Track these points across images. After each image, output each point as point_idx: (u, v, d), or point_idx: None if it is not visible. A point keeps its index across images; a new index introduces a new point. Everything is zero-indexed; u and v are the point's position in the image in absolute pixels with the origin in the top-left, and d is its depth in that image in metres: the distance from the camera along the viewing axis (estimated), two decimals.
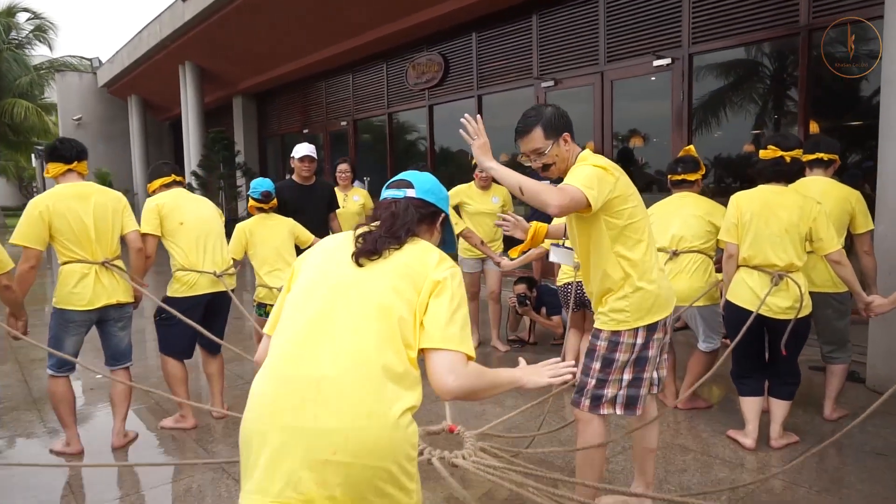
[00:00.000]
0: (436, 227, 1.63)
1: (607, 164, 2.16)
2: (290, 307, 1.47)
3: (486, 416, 3.71)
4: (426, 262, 1.44)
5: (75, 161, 3.17)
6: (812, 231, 2.98)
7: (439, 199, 1.63)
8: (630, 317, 2.23)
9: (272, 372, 1.38)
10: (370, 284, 1.40)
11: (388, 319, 1.36)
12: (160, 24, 12.01)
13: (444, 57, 8.86)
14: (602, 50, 6.84)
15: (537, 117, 2.20)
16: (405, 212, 1.53)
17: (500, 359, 4.93)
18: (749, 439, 3.13)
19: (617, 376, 2.26)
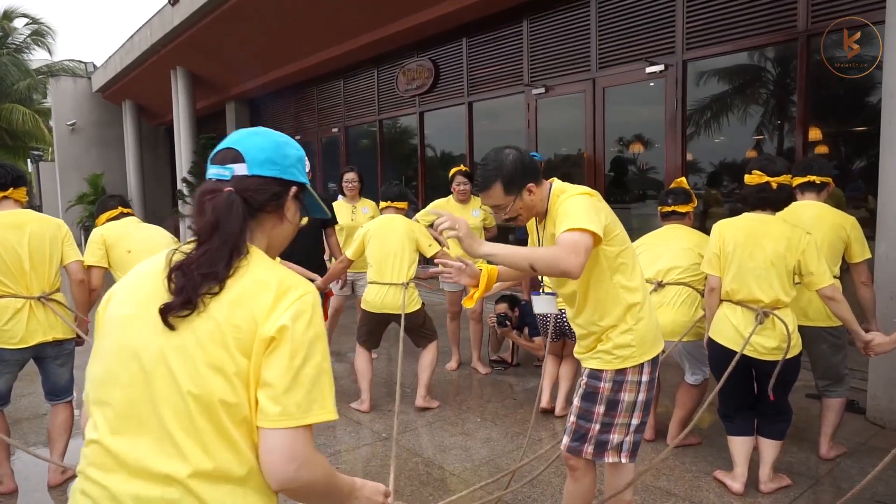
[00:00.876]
0: (285, 208, 1.18)
1: (590, 190, 1.99)
2: (92, 387, 1.10)
3: (430, 468, 3.45)
4: (254, 311, 1.03)
5: (11, 188, 2.96)
6: (801, 264, 2.74)
7: (285, 169, 1.17)
8: (636, 352, 2.04)
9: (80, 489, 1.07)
10: (181, 361, 1.02)
11: (208, 413, 1.00)
12: (150, 29, 11.83)
13: (434, 63, 8.64)
14: (594, 56, 6.60)
15: (496, 171, 1.98)
16: (228, 214, 1.07)
17: (480, 381, 4.68)
18: (737, 483, 2.87)
19: (624, 420, 2.07)
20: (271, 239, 1.20)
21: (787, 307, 2.81)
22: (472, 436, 3.64)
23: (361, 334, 4.15)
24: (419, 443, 3.57)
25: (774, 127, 5.70)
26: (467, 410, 4.06)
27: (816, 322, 3.11)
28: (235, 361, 1.01)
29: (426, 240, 4.16)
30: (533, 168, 2.02)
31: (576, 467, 2.16)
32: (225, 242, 1.06)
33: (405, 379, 4.69)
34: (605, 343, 2.07)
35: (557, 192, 2.02)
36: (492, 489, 2.88)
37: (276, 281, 1.07)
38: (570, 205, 1.90)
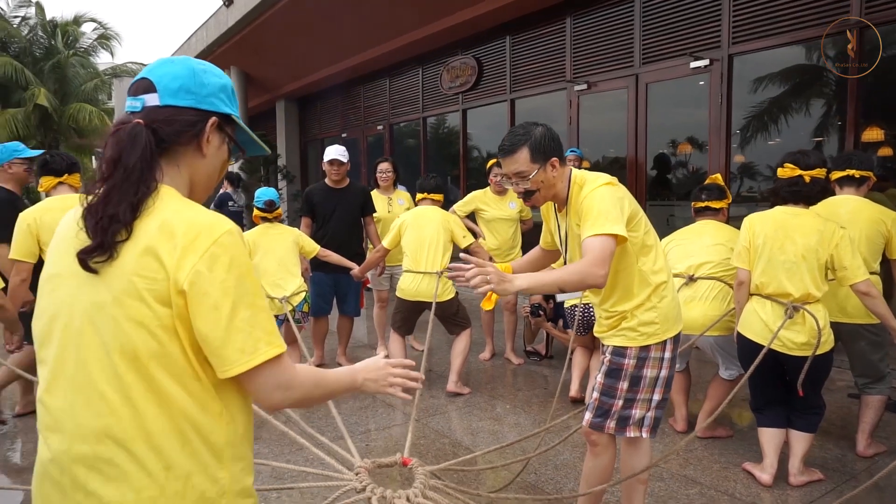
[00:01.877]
0: (202, 141, 1.08)
1: (610, 178, 2.01)
2: (35, 346, 1.09)
3: (457, 449, 3.51)
4: (164, 260, 0.96)
5: (66, 174, 3.20)
6: (834, 259, 2.68)
7: (202, 98, 1.07)
8: (660, 328, 2.09)
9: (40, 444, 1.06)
10: (104, 314, 0.97)
11: (136, 369, 0.97)
12: (206, 31, 12.31)
13: (477, 60, 8.71)
14: (637, 51, 6.54)
15: (525, 136, 1.99)
16: (130, 147, 0.98)
17: (513, 371, 4.72)
18: (766, 474, 2.83)
19: (646, 396, 2.12)
20: (192, 176, 1.10)
21: (819, 302, 2.76)
22: (502, 421, 3.69)
23: (396, 321, 4.26)
24: (448, 425, 3.64)
25: (825, 124, 5.52)
26: (498, 398, 4.11)
27: (855, 319, 3.03)
28: (156, 313, 0.96)
29: (461, 231, 4.23)
30: (559, 145, 2.05)
31: (597, 442, 2.20)
32: (126, 179, 0.98)
33: (438, 367, 4.77)
34: (629, 320, 2.10)
35: (578, 181, 2.04)
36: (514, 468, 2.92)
37: (185, 226, 0.98)
38: (596, 200, 1.92)
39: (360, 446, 3.33)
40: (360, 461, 1.95)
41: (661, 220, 6.76)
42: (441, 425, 3.63)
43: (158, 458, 0.98)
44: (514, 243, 4.91)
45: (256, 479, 1.14)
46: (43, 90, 19.39)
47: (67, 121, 20.96)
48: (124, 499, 0.97)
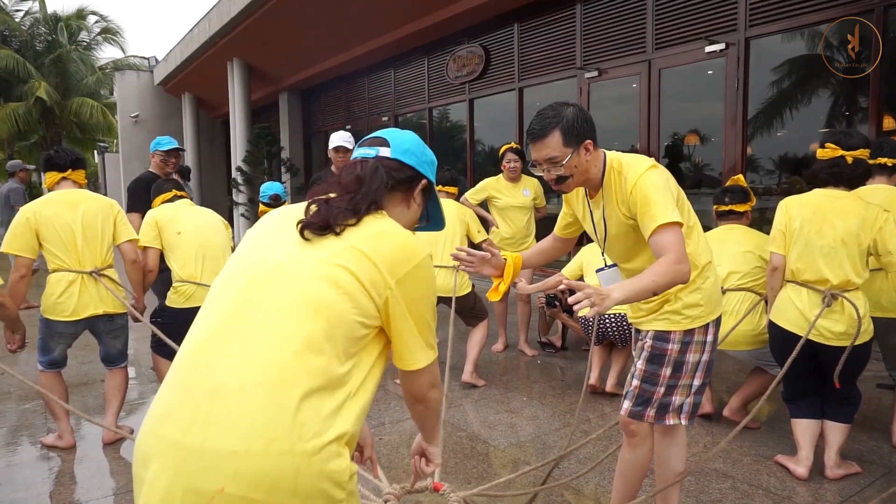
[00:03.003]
0: (413, 196, 1.34)
1: (652, 161, 1.90)
2: (210, 296, 1.20)
3: (474, 443, 3.39)
4: (383, 252, 1.15)
5: (69, 169, 3.11)
6: (878, 243, 2.54)
7: (421, 163, 1.34)
8: (704, 311, 1.98)
9: (170, 379, 1.11)
10: (304, 270, 1.12)
11: (321, 317, 1.08)
12: (209, 22, 12.16)
13: (485, 49, 8.56)
14: (650, 36, 6.39)
15: (556, 118, 1.83)
16: (373, 175, 1.25)
17: (527, 363, 4.60)
18: (801, 467, 2.70)
19: (687, 381, 2.01)
20: (397, 220, 1.29)
21: (859, 290, 2.62)
22: (519, 413, 3.57)
23: None
24: (465, 418, 3.52)
25: (845, 110, 5.38)
26: (513, 390, 3.99)
27: (890, 313, 2.91)
28: (358, 286, 1.12)
29: (475, 225, 4.13)
30: (592, 126, 1.88)
31: (636, 433, 2.07)
32: (366, 195, 1.22)
33: (452, 361, 4.65)
34: (673, 303, 1.98)
35: (616, 165, 1.90)
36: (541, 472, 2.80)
37: (404, 236, 1.21)
38: (649, 188, 1.79)
39: (375, 441, 3.20)
40: (389, 487, 1.82)
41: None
42: (457, 418, 3.51)
43: (294, 402, 1.04)
44: (528, 231, 4.78)
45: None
46: (43, 84, 19.29)
47: (69, 115, 20.87)
48: (235, 447, 1.01)
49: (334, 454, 1.04)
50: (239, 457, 0.99)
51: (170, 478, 1.01)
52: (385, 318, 1.17)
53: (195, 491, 1.00)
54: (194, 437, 1.01)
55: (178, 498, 1.00)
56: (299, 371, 1.04)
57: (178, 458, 1.02)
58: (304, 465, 1.01)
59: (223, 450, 1.00)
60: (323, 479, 1.03)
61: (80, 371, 4.47)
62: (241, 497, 0.99)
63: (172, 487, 1.01)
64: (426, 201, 1.40)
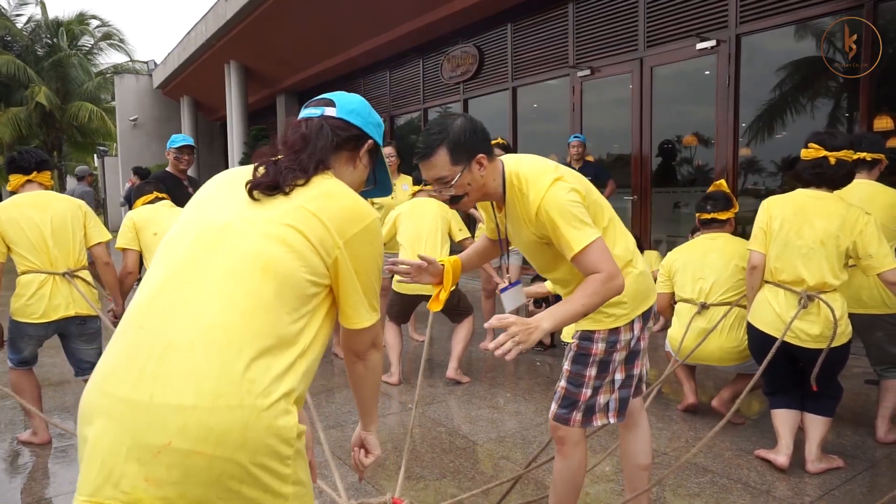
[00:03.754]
0: (359, 156, 1.32)
1: (555, 171, 1.74)
2: (158, 255, 1.19)
3: (454, 437, 3.35)
4: (332, 210, 1.16)
5: (35, 171, 3.06)
6: (858, 246, 2.51)
7: (367, 123, 1.33)
8: (629, 307, 1.88)
9: (118, 337, 1.10)
10: (253, 230, 1.11)
11: (269, 276, 1.08)
12: (206, 24, 12.20)
13: (478, 49, 8.55)
14: (642, 34, 6.37)
15: (441, 134, 1.68)
16: (318, 133, 1.24)
17: (514, 361, 4.56)
18: (781, 456, 2.66)
19: (610, 378, 1.91)
20: (341, 179, 1.27)
21: (836, 291, 2.59)
22: (502, 409, 3.53)
23: (392, 312, 4.12)
24: (446, 413, 3.48)
25: (836, 107, 5.34)
26: (498, 386, 3.95)
27: (871, 309, 2.87)
28: (308, 245, 1.12)
29: (457, 223, 4.12)
30: (484, 137, 1.74)
31: (565, 440, 1.91)
32: (312, 154, 1.21)
33: (437, 357, 4.62)
34: None
35: (516, 181, 1.75)
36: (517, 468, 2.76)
37: (353, 197, 1.21)
38: (554, 213, 1.66)
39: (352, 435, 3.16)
40: (346, 500, 1.78)
41: (668, 208, 6.59)
42: (438, 414, 3.48)
43: (242, 359, 1.03)
44: None
45: None
46: (43, 88, 19.34)
47: (69, 119, 20.93)
48: (183, 402, 1.00)
49: (283, 411, 1.04)
50: (187, 411, 0.98)
51: (116, 433, 1.00)
52: (334, 277, 1.17)
53: (141, 446, 0.98)
54: (142, 393, 1.00)
55: (122, 454, 0.98)
56: (249, 330, 1.04)
57: (125, 414, 1.00)
58: (252, 419, 1.00)
59: (171, 404, 0.98)
60: (271, 434, 1.02)
61: (63, 370, 4.44)
62: (188, 451, 0.97)
63: (118, 444, 0.99)
64: (373, 164, 1.39)
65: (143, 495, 0.97)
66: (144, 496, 0.97)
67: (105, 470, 0.99)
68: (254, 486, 1.01)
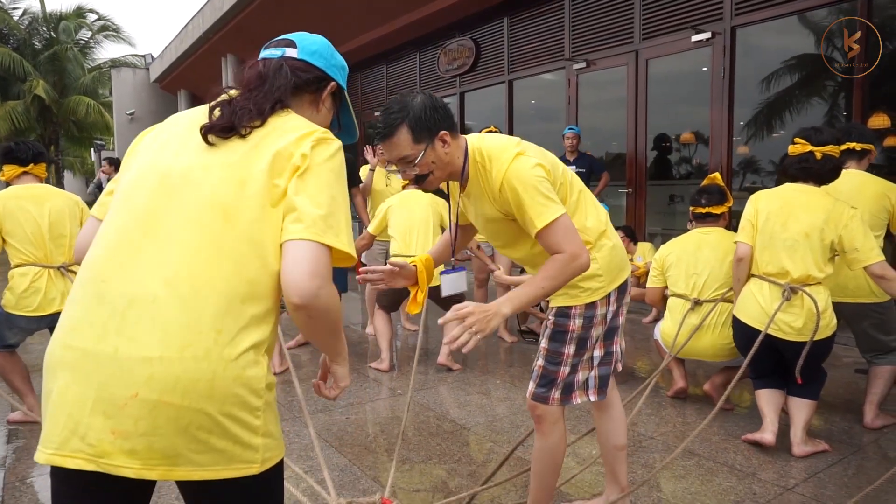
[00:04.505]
0: (321, 99, 1.27)
1: (517, 146, 1.71)
2: (115, 202, 1.13)
3: (442, 422, 3.35)
4: (289, 137, 1.10)
5: (31, 163, 3.06)
6: (844, 240, 2.52)
7: (330, 65, 1.27)
8: (604, 281, 1.84)
9: (79, 290, 1.07)
10: (213, 175, 1.07)
11: (232, 223, 1.04)
12: (203, 17, 12.16)
13: (475, 42, 8.54)
14: (637, 27, 6.36)
15: (401, 112, 1.64)
16: (277, 73, 1.18)
17: (506, 349, 4.56)
18: (767, 433, 2.66)
19: (588, 354, 1.89)
20: None
21: (820, 284, 2.60)
22: (491, 395, 3.53)
23: (382, 301, 4.11)
24: (436, 399, 3.48)
25: (831, 99, 5.34)
26: (489, 373, 3.95)
27: (859, 298, 2.87)
28: (267, 181, 1.07)
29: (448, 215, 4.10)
30: (446, 113, 1.70)
31: (543, 418, 1.88)
32: (269, 92, 1.15)
33: (428, 345, 4.62)
34: None
35: (479, 157, 1.72)
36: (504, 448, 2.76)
37: (309, 126, 1.15)
38: (518, 188, 1.63)
39: (340, 420, 3.17)
40: (336, 499, 1.77)
41: (663, 200, 6.59)
42: (428, 399, 3.48)
43: (209, 309, 1.01)
44: None
45: None
46: (41, 82, 19.30)
47: (66, 113, 20.87)
48: (148, 353, 0.99)
49: (252, 361, 1.02)
50: (153, 362, 0.97)
51: (81, 387, 0.98)
52: None
53: (107, 398, 0.97)
54: (106, 346, 0.98)
55: (88, 406, 0.97)
56: (214, 279, 1.01)
57: (90, 367, 0.99)
58: (220, 369, 0.99)
59: (137, 356, 0.97)
60: (240, 384, 1.01)
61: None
62: (155, 401, 0.96)
63: (83, 396, 0.98)
64: (337, 108, 1.33)
65: (110, 448, 0.96)
66: (111, 449, 0.96)
67: (71, 423, 0.98)
68: (223, 436, 1.00)
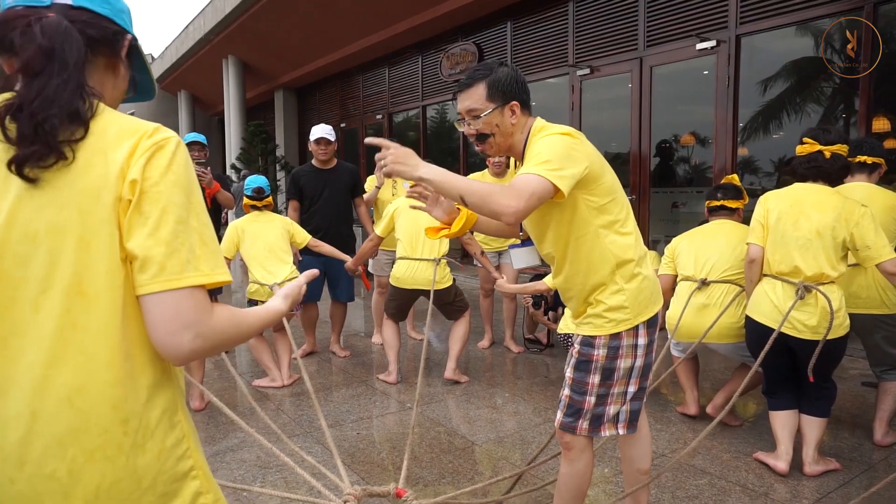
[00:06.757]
0: (120, 59, 0.96)
1: (571, 130, 1.75)
2: None
3: (453, 438, 3.35)
4: (115, 157, 0.84)
5: None
6: (855, 237, 2.52)
7: (116, 12, 0.95)
8: (630, 313, 1.82)
9: None
10: (44, 243, 0.82)
11: (88, 303, 0.83)
12: (204, 18, 12.15)
13: (478, 46, 8.53)
14: (641, 34, 6.36)
15: (485, 71, 1.78)
16: (64, 41, 0.85)
17: (512, 360, 4.56)
18: (781, 462, 2.67)
19: (620, 389, 1.86)
20: (106, 94, 0.95)
21: (834, 283, 2.60)
22: (500, 409, 3.53)
23: (390, 308, 4.10)
24: (445, 413, 3.49)
25: (835, 109, 5.35)
26: (496, 386, 3.95)
27: (870, 310, 2.87)
28: (108, 225, 0.84)
29: None
30: (524, 89, 1.81)
31: (571, 445, 1.90)
32: (69, 76, 0.84)
33: (435, 356, 4.62)
34: (595, 307, 1.85)
35: (538, 127, 1.80)
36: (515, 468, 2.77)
37: (133, 127, 0.88)
38: (542, 145, 1.67)
39: (352, 435, 3.17)
40: (350, 487, 1.77)
41: (666, 207, 6.59)
42: (437, 413, 3.48)
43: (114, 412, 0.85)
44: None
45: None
46: None
47: None
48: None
49: (174, 443, 0.92)
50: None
51: None
52: None
53: None
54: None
55: None
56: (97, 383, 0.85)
57: None
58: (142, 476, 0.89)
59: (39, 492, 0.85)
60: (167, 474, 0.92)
61: None
62: None
63: None
64: (132, 65, 1.01)
65: None
66: None
67: None
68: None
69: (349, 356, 4.64)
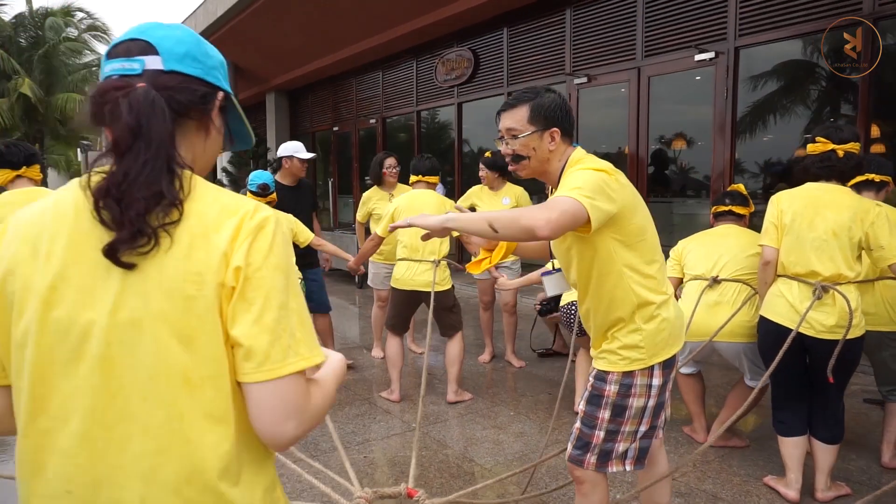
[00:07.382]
0: (212, 119, 0.94)
1: (609, 167, 1.73)
2: (23, 385, 0.84)
3: (460, 461, 3.32)
4: (216, 243, 0.83)
5: (24, 166, 2.91)
6: (870, 237, 2.49)
7: (208, 70, 0.92)
8: (645, 353, 1.80)
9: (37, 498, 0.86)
10: (149, 330, 0.81)
11: (193, 391, 0.83)
12: (195, 20, 12.00)
13: (474, 53, 8.50)
14: (640, 44, 6.36)
15: (531, 95, 1.81)
16: (151, 115, 0.82)
17: (514, 374, 4.54)
18: (791, 490, 2.66)
19: (632, 427, 1.84)
20: (198, 156, 0.94)
21: (851, 283, 2.57)
22: (505, 429, 3.51)
23: (390, 317, 4.01)
24: (450, 434, 3.45)
25: (834, 120, 5.37)
26: (500, 403, 3.93)
27: (878, 326, 2.86)
28: (210, 317, 0.82)
29: None
30: (567, 118, 1.82)
31: (582, 480, 1.89)
32: (157, 153, 0.82)
33: (437, 371, 4.58)
34: (610, 342, 1.85)
35: (576, 158, 1.80)
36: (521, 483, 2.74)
37: (233, 206, 0.86)
38: (578, 176, 1.66)
39: (359, 458, 3.13)
40: (360, 490, 1.75)
41: (663, 217, 6.60)
42: (442, 434, 3.44)
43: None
44: None
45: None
46: (27, 80, 18.93)
47: (54, 111, 20.48)
48: None
49: None
50: None
51: None
52: None
53: None
54: None
55: None
56: (204, 465, 0.85)
57: None
58: None
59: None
60: None
61: None
62: None
63: None
64: (226, 119, 0.99)
65: None
66: None
67: None
68: None
69: (352, 369, 4.59)
